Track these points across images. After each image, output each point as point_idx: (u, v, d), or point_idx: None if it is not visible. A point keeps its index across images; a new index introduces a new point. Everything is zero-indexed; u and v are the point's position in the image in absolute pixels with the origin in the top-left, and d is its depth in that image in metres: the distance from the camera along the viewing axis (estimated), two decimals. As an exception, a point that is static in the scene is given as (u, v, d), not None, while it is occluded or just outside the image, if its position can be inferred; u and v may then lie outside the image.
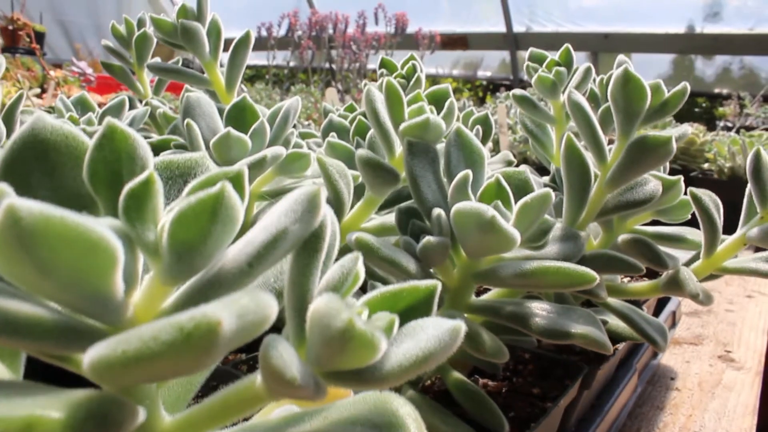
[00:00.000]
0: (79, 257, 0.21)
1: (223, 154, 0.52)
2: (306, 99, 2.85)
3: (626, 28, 7.10)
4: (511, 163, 0.89)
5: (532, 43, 5.53)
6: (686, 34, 6.82)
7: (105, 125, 0.27)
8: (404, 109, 0.47)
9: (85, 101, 0.78)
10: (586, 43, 7.46)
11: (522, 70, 5.41)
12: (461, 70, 8.68)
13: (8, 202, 0.19)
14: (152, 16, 0.62)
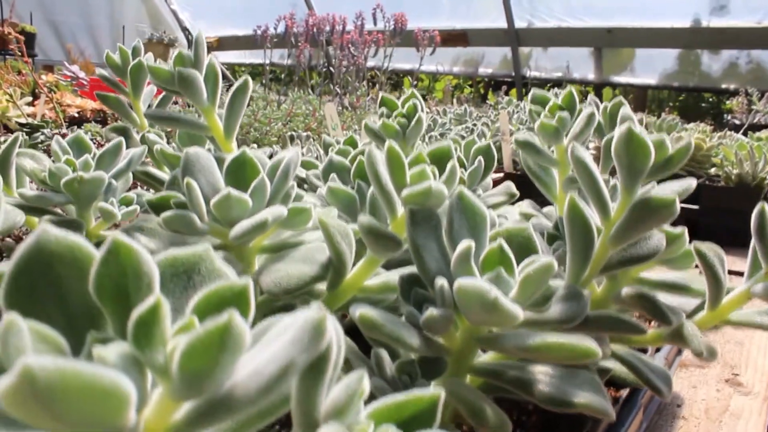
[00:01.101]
0: (94, 404, 0.22)
1: (223, 214, 0.53)
2: (305, 105, 2.86)
3: (630, 22, 7.10)
4: (513, 195, 0.90)
5: (534, 39, 5.61)
6: (692, 28, 6.82)
7: (110, 242, 0.28)
8: (406, 173, 0.48)
9: (81, 141, 0.79)
10: (588, 39, 7.47)
11: (524, 66, 5.43)
12: (462, 67, 8.68)
13: (23, 364, 0.20)
14: (149, 66, 0.63)
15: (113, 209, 0.71)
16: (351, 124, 2.52)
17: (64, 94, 4.26)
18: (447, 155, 0.52)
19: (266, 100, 3.24)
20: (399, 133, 0.73)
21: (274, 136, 2.31)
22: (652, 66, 7.46)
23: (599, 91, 8.38)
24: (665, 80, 7.45)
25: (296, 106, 2.57)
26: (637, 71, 7.61)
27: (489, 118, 2.68)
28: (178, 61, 0.64)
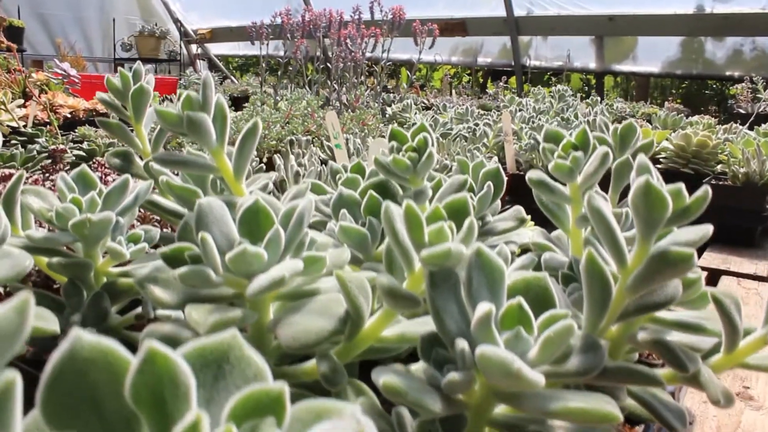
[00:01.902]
0: None
1: (239, 268, 0.53)
2: (304, 105, 2.86)
3: (632, 9, 7.09)
4: (523, 221, 0.91)
5: (534, 27, 5.62)
6: (695, 15, 6.81)
7: (146, 350, 0.29)
8: (424, 232, 0.49)
9: (86, 176, 0.79)
10: (590, 26, 7.46)
11: (524, 55, 5.42)
12: (460, 56, 8.67)
13: None
14: (157, 109, 0.64)
15: (122, 249, 0.72)
16: (351, 125, 2.53)
17: (56, 94, 4.26)
18: (464, 208, 0.53)
19: (263, 101, 3.24)
20: (409, 167, 0.73)
21: (273, 140, 2.31)
22: (654, 53, 7.46)
23: (601, 79, 8.39)
24: (668, 68, 7.45)
25: (294, 108, 2.58)
26: (639, 59, 7.60)
27: (491, 118, 2.68)
28: (186, 104, 0.65)
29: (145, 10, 10.47)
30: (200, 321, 0.50)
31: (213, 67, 11.09)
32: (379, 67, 3.96)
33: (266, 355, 0.63)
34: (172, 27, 10.53)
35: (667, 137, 2.68)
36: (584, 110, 3.37)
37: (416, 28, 3.98)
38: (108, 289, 0.74)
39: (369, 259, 0.72)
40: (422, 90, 8.43)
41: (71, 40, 9.28)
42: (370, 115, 2.70)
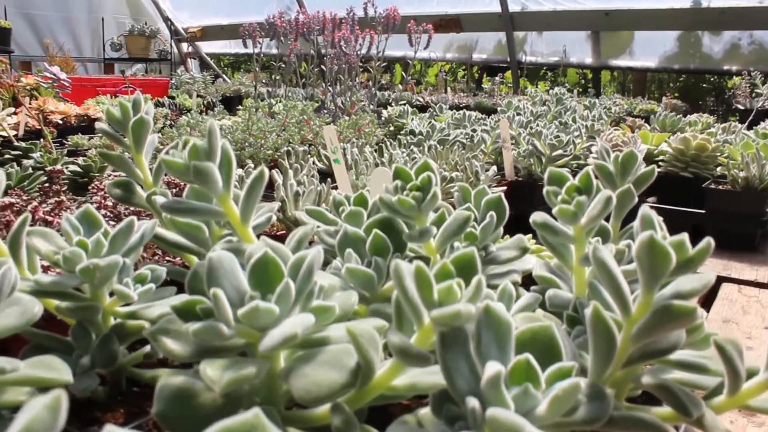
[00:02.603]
0: None
1: (252, 323, 0.55)
2: (299, 111, 2.88)
3: (628, 4, 7.12)
4: (525, 250, 0.93)
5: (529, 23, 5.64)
6: (692, 9, 6.85)
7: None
8: (433, 291, 0.51)
9: (91, 216, 0.81)
10: (585, 21, 7.49)
11: (520, 51, 5.43)
12: (455, 53, 8.69)
13: None
14: (163, 159, 0.65)
15: (129, 292, 0.74)
16: (347, 134, 2.54)
17: (46, 100, 4.26)
18: (471, 263, 0.54)
19: (257, 107, 3.25)
20: (414, 207, 0.75)
21: (269, 149, 2.33)
22: (651, 48, 7.49)
23: (598, 74, 8.41)
24: (665, 62, 7.49)
25: (290, 115, 2.59)
26: (636, 54, 7.64)
27: (489, 123, 2.70)
28: (192, 153, 0.66)
29: (134, 9, 10.46)
30: (215, 379, 0.52)
31: (204, 65, 11.10)
32: (374, 68, 3.97)
33: (276, 399, 0.64)
34: (162, 26, 10.52)
35: (666, 140, 2.70)
36: (582, 111, 3.39)
37: (411, 29, 4.00)
38: (117, 331, 0.76)
39: (375, 298, 0.74)
40: (417, 86, 8.45)
41: (60, 41, 9.27)
42: (367, 121, 2.72)
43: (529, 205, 2.36)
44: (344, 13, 4.43)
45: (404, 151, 2.17)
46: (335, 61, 3.78)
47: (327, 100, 3.92)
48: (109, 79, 7.57)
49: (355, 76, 3.86)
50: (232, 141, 2.26)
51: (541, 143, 2.41)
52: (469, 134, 2.58)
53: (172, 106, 4.82)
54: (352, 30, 3.91)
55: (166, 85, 7.41)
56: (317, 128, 2.51)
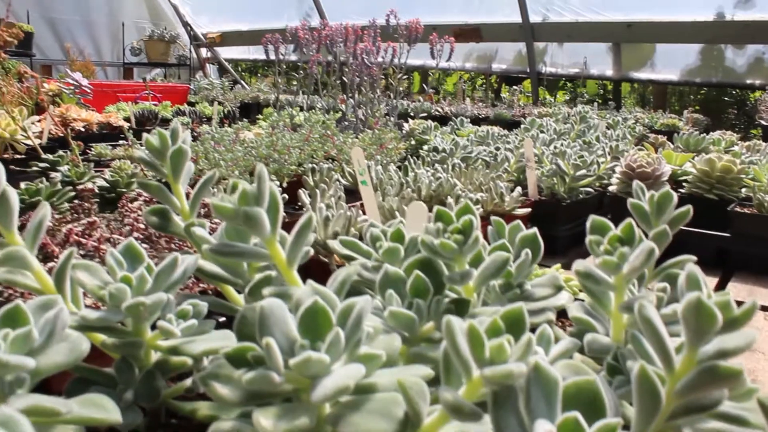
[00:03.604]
0: None
1: (302, 372, 0.57)
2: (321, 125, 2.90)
3: (650, 16, 7.11)
4: (560, 287, 0.94)
5: (550, 34, 5.66)
6: (715, 22, 6.83)
7: None
8: (485, 349, 0.52)
9: (134, 250, 0.83)
10: (607, 33, 7.48)
11: (539, 62, 5.44)
12: (474, 63, 8.71)
13: None
14: (214, 204, 0.67)
15: (173, 328, 0.75)
16: (370, 150, 2.56)
17: (69, 107, 4.30)
18: (521, 320, 0.56)
19: (280, 120, 3.27)
20: (456, 250, 0.77)
21: (293, 164, 2.35)
22: (673, 61, 7.47)
23: (618, 86, 8.40)
24: (687, 76, 7.46)
25: (314, 131, 2.61)
26: (657, 67, 7.62)
27: (512, 141, 2.71)
28: (242, 199, 0.68)
29: (154, 14, 10.55)
30: (270, 429, 0.53)
31: (223, 70, 11.17)
32: (396, 81, 3.99)
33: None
34: (182, 31, 10.61)
35: (690, 160, 2.70)
36: (603, 127, 3.39)
37: (433, 41, 4.02)
38: (160, 366, 0.78)
39: (415, 339, 0.75)
40: (435, 95, 8.47)
41: (80, 45, 9.37)
42: (390, 137, 2.73)
43: (552, 224, 2.38)
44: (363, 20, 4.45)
45: (428, 170, 2.19)
46: (357, 73, 3.80)
47: (348, 112, 3.95)
48: (129, 84, 7.64)
49: (377, 88, 3.88)
50: (257, 156, 2.28)
51: (565, 163, 2.42)
52: (493, 152, 2.59)
53: (192, 115, 4.85)
54: (374, 41, 3.93)
55: (185, 92, 7.47)
56: (342, 145, 2.53)
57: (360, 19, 7.44)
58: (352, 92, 3.87)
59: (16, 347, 0.63)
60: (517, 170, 2.56)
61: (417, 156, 2.84)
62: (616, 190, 2.49)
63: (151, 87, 6.22)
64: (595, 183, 2.57)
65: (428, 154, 2.58)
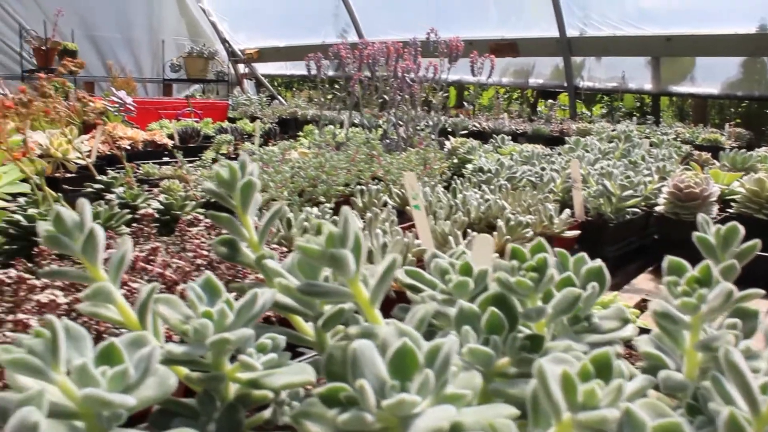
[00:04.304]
0: None
1: (395, 412, 0.59)
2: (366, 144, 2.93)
3: (690, 29, 7.05)
4: (626, 320, 0.95)
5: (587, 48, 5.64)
6: (758, 35, 6.75)
7: None
8: (578, 394, 0.53)
9: (212, 284, 0.85)
10: (645, 47, 7.44)
11: (577, 77, 5.42)
12: (511, 77, 8.70)
13: None
14: (300, 246, 0.69)
15: (254, 363, 0.77)
16: (416, 171, 2.58)
17: (116, 126, 4.40)
18: (609, 365, 0.57)
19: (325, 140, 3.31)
20: (531, 288, 0.78)
21: (340, 185, 2.37)
22: (714, 74, 7.40)
23: (657, 100, 8.34)
24: (728, 89, 7.38)
25: (360, 152, 2.64)
26: (697, 80, 7.55)
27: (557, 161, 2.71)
28: (329, 241, 0.70)
29: (192, 30, 10.72)
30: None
31: (260, 86, 11.30)
32: (437, 99, 4.02)
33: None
34: (220, 47, 10.76)
35: (738, 179, 2.68)
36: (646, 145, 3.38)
37: (474, 59, 4.04)
38: (241, 400, 0.80)
39: (491, 374, 0.77)
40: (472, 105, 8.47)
41: (122, 62, 9.56)
42: (434, 157, 2.75)
43: (599, 245, 2.38)
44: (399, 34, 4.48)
45: (476, 192, 2.20)
46: (398, 91, 3.83)
47: (389, 130, 3.98)
48: (171, 101, 7.76)
49: (417, 106, 3.91)
50: (305, 177, 2.31)
51: (612, 184, 2.42)
52: (538, 173, 2.60)
53: (234, 132, 4.92)
54: (415, 59, 3.96)
55: (225, 108, 7.57)
56: (388, 165, 2.55)
57: (395, 34, 7.51)
58: (394, 110, 3.90)
59: (113, 384, 0.66)
60: (562, 191, 2.57)
61: (460, 175, 2.86)
62: (663, 211, 2.48)
63: (192, 103, 6.32)
64: (641, 203, 2.56)
65: (474, 175, 2.60)
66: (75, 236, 0.85)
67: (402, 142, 3.74)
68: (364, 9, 9.39)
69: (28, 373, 0.64)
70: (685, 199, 2.40)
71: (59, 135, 3.33)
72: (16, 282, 1.18)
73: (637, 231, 2.64)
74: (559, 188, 2.53)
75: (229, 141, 4.27)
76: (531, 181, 2.56)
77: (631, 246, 2.58)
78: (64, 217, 0.84)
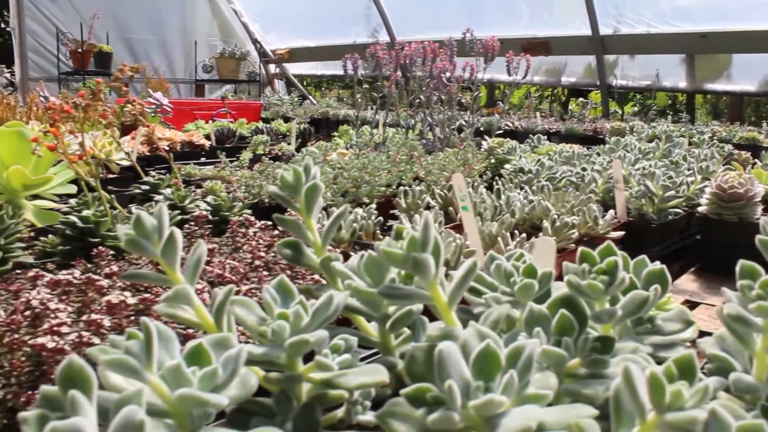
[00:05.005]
0: None
1: (481, 412, 0.61)
2: (403, 143, 2.95)
3: (726, 26, 6.97)
4: (689, 323, 0.96)
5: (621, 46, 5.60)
6: (796, 30, 6.65)
7: None
8: (666, 395, 0.55)
9: (285, 287, 0.88)
10: (680, 44, 7.36)
11: (610, 75, 5.39)
12: (543, 76, 8.67)
13: None
14: (383, 249, 0.72)
15: (330, 363, 0.80)
16: (458, 171, 2.59)
17: (154, 127, 4.45)
18: (692, 367, 0.59)
19: (364, 141, 3.34)
20: (602, 290, 0.80)
21: (382, 186, 2.40)
22: (750, 71, 7.30)
23: (692, 98, 8.26)
24: (766, 86, 7.28)
25: (400, 152, 2.66)
26: (733, 77, 7.45)
27: (599, 162, 2.71)
28: (410, 246, 0.73)
29: (224, 31, 10.82)
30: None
31: (290, 86, 11.37)
32: (473, 98, 4.03)
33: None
34: (251, 48, 10.85)
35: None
36: (685, 145, 3.36)
37: (510, 59, 4.04)
38: (318, 399, 0.82)
39: (561, 376, 0.79)
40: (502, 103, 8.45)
41: (155, 63, 9.68)
42: (475, 158, 2.77)
43: (642, 246, 2.38)
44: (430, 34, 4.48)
45: (519, 192, 2.21)
46: (434, 91, 3.85)
47: (424, 130, 3.99)
48: (205, 102, 7.85)
49: (454, 106, 3.92)
50: (349, 178, 2.34)
51: (654, 184, 2.41)
52: (579, 173, 2.60)
53: (269, 132, 4.96)
54: (451, 59, 3.98)
55: (259, 109, 7.63)
56: (429, 165, 2.57)
57: (426, 33, 7.52)
58: (429, 110, 3.92)
59: (203, 384, 0.69)
60: (603, 191, 2.57)
61: (498, 175, 2.87)
62: (706, 211, 2.46)
63: (227, 104, 6.39)
64: (682, 203, 2.55)
65: (515, 175, 2.61)
66: (154, 239, 0.88)
67: (438, 143, 3.76)
68: (395, 9, 9.40)
69: (125, 373, 0.67)
70: (729, 200, 2.38)
71: (102, 136, 3.39)
72: (85, 283, 1.21)
73: (678, 232, 2.62)
74: (600, 189, 2.53)
75: (265, 141, 4.31)
76: (571, 182, 2.56)
77: (673, 247, 2.57)
78: (145, 221, 0.87)
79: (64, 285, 1.24)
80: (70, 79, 8.78)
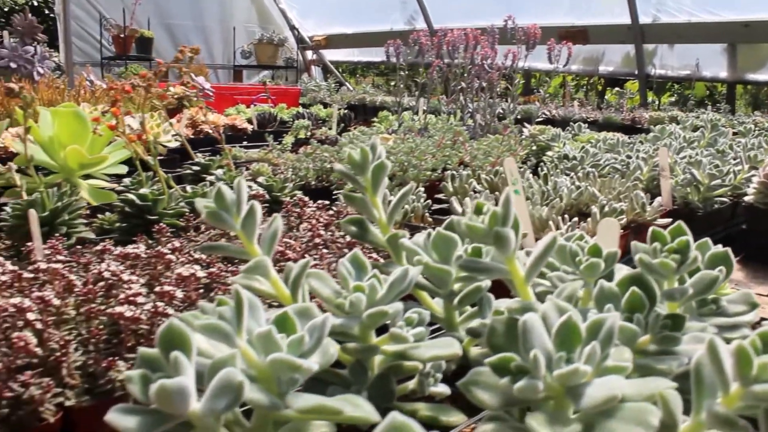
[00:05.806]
0: None
1: (564, 382, 0.62)
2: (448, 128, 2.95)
3: (769, 15, 6.84)
4: (754, 305, 0.97)
5: (660, 35, 5.52)
6: (842, 19, 6.51)
7: None
8: (752, 368, 0.56)
9: (359, 261, 0.90)
10: (722, 34, 7.23)
11: (648, 64, 5.32)
12: (580, 65, 8.58)
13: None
14: (467, 224, 0.73)
15: (406, 335, 0.82)
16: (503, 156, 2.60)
17: (197, 111, 4.51)
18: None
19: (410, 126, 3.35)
20: (674, 269, 0.81)
21: (427, 170, 2.41)
22: (792, 61, 7.17)
23: (732, 89, 8.13)
24: (810, 76, 7.14)
25: (446, 137, 2.67)
26: (776, 67, 7.32)
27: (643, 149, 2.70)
28: (492, 220, 0.74)
29: (262, 18, 10.87)
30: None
31: (327, 72, 11.39)
32: (515, 86, 4.02)
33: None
34: (289, 34, 10.88)
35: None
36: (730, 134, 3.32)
37: (552, 47, 4.02)
38: (393, 370, 0.85)
39: (635, 351, 0.80)
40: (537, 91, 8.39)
41: (195, 49, 9.74)
42: (519, 145, 2.77)
43: (687, 233, 2.37)
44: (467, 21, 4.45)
45: (565, 178, 2.21)
46: (476, 78, 3.84)
47: (465, 117, 3.99)
48: (245, 87, 7.90)
49: (496, 94, 3.92)
50: (396, 162, 2.35)
51: (700, 173, 2.40)
52: (624, 161, 2.59)
53: (310, 117, 4.99)
54: (493, 46, 3.97)
55: (297, 95, 7.67)
56: (474, 151, 2.58)
57: (463, 20, 7.48)
58: (471, 97, 3.92)
59: (291, 350, 0.71)
60: (648, 179, 2.55)
61: (541, 162, 2.87)
62: (752, 200, 2.44)
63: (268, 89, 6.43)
64: (728, 192, 2.53)
65: (560, 162, 2.61)
66: (233, 212, 0.90)
67: (479, 129, 3.76)
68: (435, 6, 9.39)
69: (217, 338, 0.70)
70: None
71: (149, 119, 3.44)
72: (154, 256, 1.25)
73: (723, 221, 2.61)
74: (645, 176, 2.52)
75: (306, 126, 4.34)
76: (616, 169, 2.55)
77: (718, 236, 2.55)
78: (225, 194, 0.89)
79: (133, 258, 1.28)
80: (112, 64, 8.89)
